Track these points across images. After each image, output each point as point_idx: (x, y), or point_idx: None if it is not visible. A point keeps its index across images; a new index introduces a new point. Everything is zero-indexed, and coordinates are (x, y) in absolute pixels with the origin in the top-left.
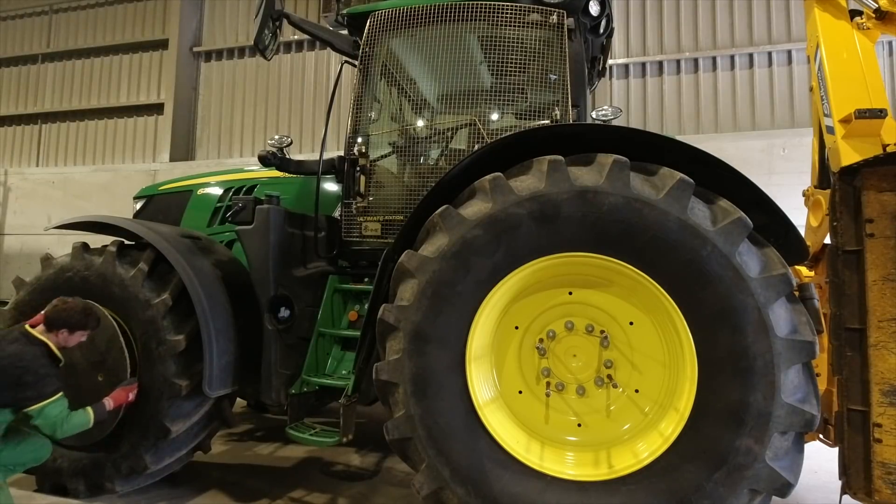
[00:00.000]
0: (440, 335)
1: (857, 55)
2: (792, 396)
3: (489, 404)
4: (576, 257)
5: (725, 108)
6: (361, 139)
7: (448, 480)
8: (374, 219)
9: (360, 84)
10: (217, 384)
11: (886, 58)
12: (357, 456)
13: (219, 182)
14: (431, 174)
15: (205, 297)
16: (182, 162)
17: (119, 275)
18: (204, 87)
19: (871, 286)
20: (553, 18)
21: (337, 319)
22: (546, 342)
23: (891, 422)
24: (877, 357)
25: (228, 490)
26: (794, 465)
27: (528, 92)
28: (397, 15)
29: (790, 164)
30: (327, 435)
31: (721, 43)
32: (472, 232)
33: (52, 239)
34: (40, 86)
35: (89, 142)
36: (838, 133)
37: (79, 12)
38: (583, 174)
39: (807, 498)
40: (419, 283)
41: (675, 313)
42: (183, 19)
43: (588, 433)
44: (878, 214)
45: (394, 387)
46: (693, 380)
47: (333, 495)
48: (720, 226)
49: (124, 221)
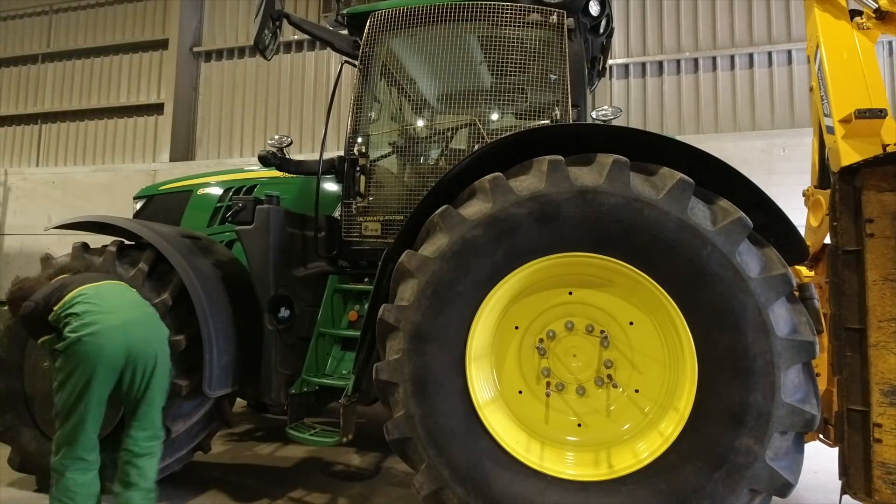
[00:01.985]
0: (440, 335)
1: (857, 55)
2: (792, 396)
3: (489, 404)
4: (576, 257)
5: (725, 108)
6: (361, 139)
7: (448, 480)
8: (374, 219)
9: (360, 84)
10: (217, 384)
11: (886, 58)
12: (357, 456)
13: (219, 182)
14: (431, 174)
15: (205, 297)
16: (182, 162)
17: (119, 275)
18: (204, 87)
19: (871, 286)
20: (553, 18)
21: (337, 319)
22: (546, 342)
23: (891, 422)
24: (877, 357)
25: (228, 490)
26: (794, 465)
27: (528, 92)
28: (397, 15)
29: (790, 164)
30: (327, 435)
31: (721, 43)
32: (472, 232)
33: (52, 239)
34: (40, 86)
35: (89, 142)
36: (838, 133)
37: (79, 12)
38: (583, 174)
39: (807, 498)
40: (419, 283)
41: (675, 313)
42: (183, 19)
43: (588, 433)
44: (878, 214)
45: (394, 387)
46: (693, 380)
47: (333, 495)
48: (720, 226)
49: (124, 221)
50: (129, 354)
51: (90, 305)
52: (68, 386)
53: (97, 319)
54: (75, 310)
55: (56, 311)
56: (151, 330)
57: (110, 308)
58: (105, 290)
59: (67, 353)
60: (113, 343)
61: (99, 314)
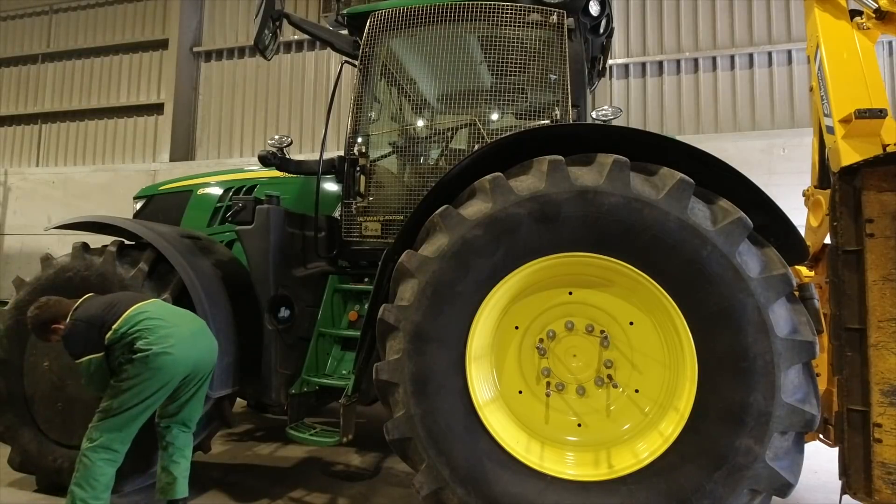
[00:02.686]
0: (440, 335)
1: (857, 55)
2: (792, 396)
3: (489, 404)
4: (576, 257)
5: (725, 108)
6: (361, 139)
7: (448, 480)
8: (374, 219)
9: (360, 84)
10: (217, 384)
11: (886, 58)
12: (357, 456)
13: (219, 182)
14: (431, 174)
15: (205, 297)
16: (182, 162)
17: (119, 275)
18: (204, 87)
19: (871, 286)
20: (553, 18)
21: (337, 319)
22: (546, 342)
23: (891, 422)
24: (877, 357)
25: (228, 490)
26: (794, 465)
27: (528, 92)
28: (397, 15)
29: (790, 164)
30: (327, 435)
31: (721, 43)
32: (472, 232)
33: (52, 239)
34: (40, 86)
35: (89, 142)
36: (838, 133)
37: (79, 12)
38: (583, 174)
39: (807, 498)
40: (419, 283)
41: (675, 313)
42: (183, 19)
43: (588, 433)
44: (878, 214)
45: (394, 387)
46: (693, 380)
47: (333, 495)
48: (720, 226)
49: (124, 221)
50: (197, 363)
51: (158, 321)
52: (135, 390)
53: (171, 333)
54: (146, 325)
55: (117, 330)
56: (211, 340)
57: (176, 322)
58: (161, 306)
59: (142, 363)
60: (187, 354)
61: (170, 328)
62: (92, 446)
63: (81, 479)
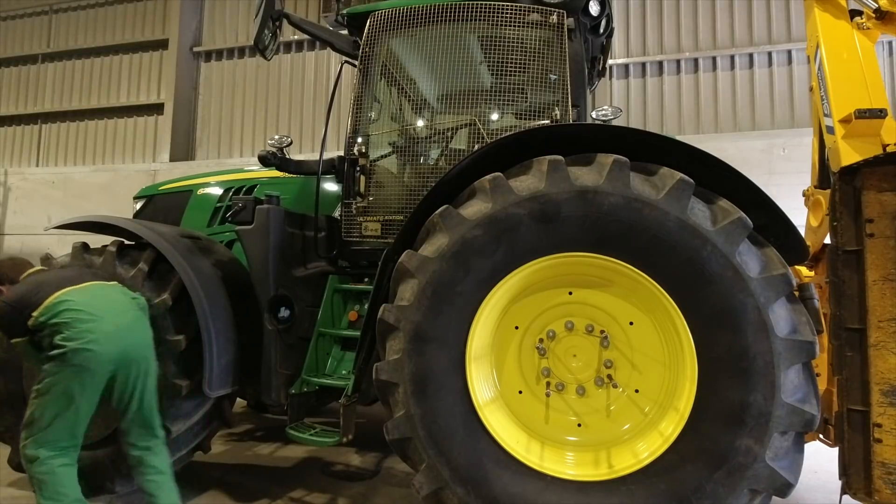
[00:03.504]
0: (440, 335)
1: (857, 55)
2: (792, 396)
3: (489, 404)
4: (576, 257)
5: (725, 108)
6: (361, 139)
7: (448, 480)
8: (374, 219)
9: (360, 84)
10: (217, 384)
11: (886, 58)
12: (357, 456)
13: (219, 182)
14: (431, 174)
15: (205, 297)
16: (182, 162)
17: (119, 275)
18: (204, 87)
19: (871, 286)
20: (553, 18)
21: (337, 319)
22: (546, 342)
23: (891, 422)
24: (877, 357)
25: (228, 490)
26: (794, 465)
27: (527, 92)
28: (397, 15)
29: (790, 164)
30: (327, 435)
31: (721, 43)
32: (471, 232)
33: (52, 239)
34: (40, 86)
35: (89, 142)
36: (838, 133)
37: (79, 12)
38: (583, 174)
39: (807, 498)
40: (419, 283)
41: (675, 313)
42: (183, 19)
43: (588, 433)
44: (878, 214)
45: (394, 387)
46: (693, 380)
47: (333, 495)
48: (720, 226)
49: (124, 221)
50: (122, 360)
51: (79, 313)
52: (57, 391)
53: (90, 328)
54: (64, 318)
55: (37, 318)
56: (143, 333)
57: (100, 314)
58: (90, 294)
59: (59, 361)
60: (107, 351)
61: (90, 322)
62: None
63: (48, 496)
